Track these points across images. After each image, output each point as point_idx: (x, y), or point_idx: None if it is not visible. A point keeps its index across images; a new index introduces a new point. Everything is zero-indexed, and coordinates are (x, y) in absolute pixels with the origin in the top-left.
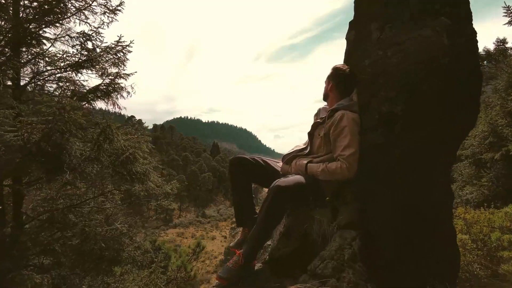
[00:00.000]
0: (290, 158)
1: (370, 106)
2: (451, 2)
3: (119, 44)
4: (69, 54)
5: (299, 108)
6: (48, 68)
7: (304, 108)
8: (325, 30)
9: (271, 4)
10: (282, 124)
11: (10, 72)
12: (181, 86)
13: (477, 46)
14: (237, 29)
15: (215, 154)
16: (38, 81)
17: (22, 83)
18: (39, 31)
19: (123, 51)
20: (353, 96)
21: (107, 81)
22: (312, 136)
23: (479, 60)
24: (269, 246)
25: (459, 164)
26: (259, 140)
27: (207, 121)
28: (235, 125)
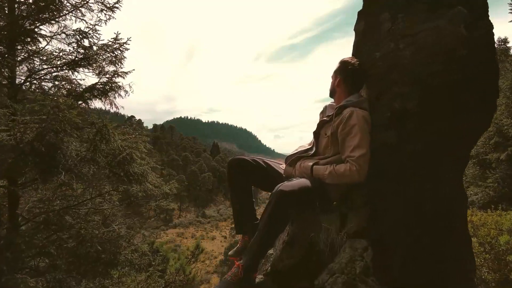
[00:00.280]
0: (294, 160)
1: (381, 103)
2: None
3: (117, 42)
4: (65, 52)
5: (299, 108)
6: (44, 67)
7: (304, 108)
8: (325, 30)
9: (271, 4)
10: (282, 124)
11: (5, 71)
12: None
13: (494, 40)
14: (237, 29)
15: (215, 154)
16: (34, 80)
17: (18, 82)
18: (35, 29)
19: (121, 49)
20: (362, 92)
21: (104, 80)
22: (318, 136)
23: (496, 55)
24: (271, 256)
25: None
26: (259, 140)
27: (207, 121)
28: (235, 125)
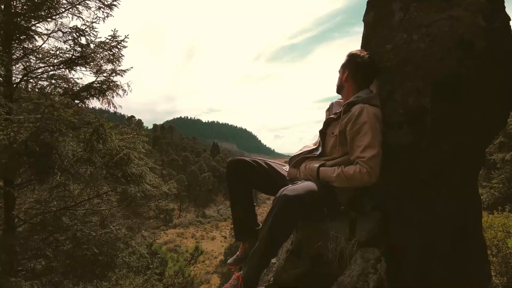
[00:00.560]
0: (299, 161)
1: (393, 99)
2: None
3: (114, 40)
4: (62, 50)
5: (299, 108)
6: (41, 65)
7: (304, 108)
8: (325, 30)
9: (271, 4)
10: (282, 124)
11: (1, 69)
12: (181, 86)
13: None
14: (237, 29)
15: (215, 154)
16: (31, 79)
17: (14, 81)
18: (31, 26)
19: (118, 47)
20: (372, 88)
21: (101, 79)
22: (325, 135)
23: None
24: (274, 266)
25: None
26: (259, 140)
27: (207, 121)
28: (235, 125)
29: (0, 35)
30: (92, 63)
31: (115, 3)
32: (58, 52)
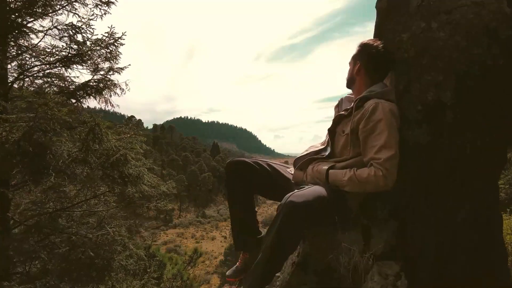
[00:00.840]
0: (305, 163)
1: (410, 94)
2: None
3: (112, 37)
4: (58, 48)
5: (299, 108)
6: (37, 64)
7: (304, 108)
8: (325, 30)
9: (271, 4)
10: (282, 124)
11: None
12: (181, 86)
13: None
14: (237, 29)
15: (215, 154)
16: (26, 77)
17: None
18: (27, 24)
19: (115, 44)
20: (387, 81)
21: (98, 77)
22: (334, 134)
23: None
24: (278, 279)
25: None
26: (259, 140)
27: (207, 121)
28: (235, 125)
29: None
30: (89, 61)
31: (113, 0)
32: (54, 50)
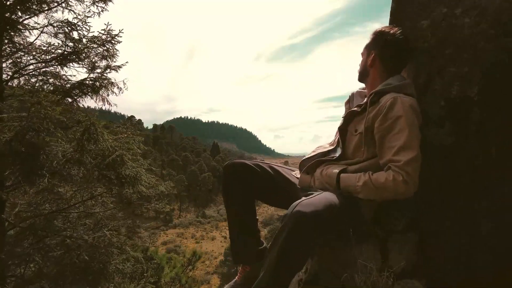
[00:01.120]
0: (313, 165)
1: (432, 88)
2: None
3: (109, 35)
4: (54, 46)
5: (299, 108)
6: (33, 62)
7: (304, 108)
8: (325, 30)
9: (271, 4)
10: (282, 124)
11: None
12: (181, 86)
13: None
14: (237, 29)
15: (215, 154)
16: (22, 76)
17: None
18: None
19: (112, 42)
20: (404, 74)
21: (93, 76)
22: (345, 133)
23: None
24: None
25: None
26: (259, 140)
27: (207, 121)
28: (235, 125)
29: None
30: (86, 60)
31: None
32: (50, 48)
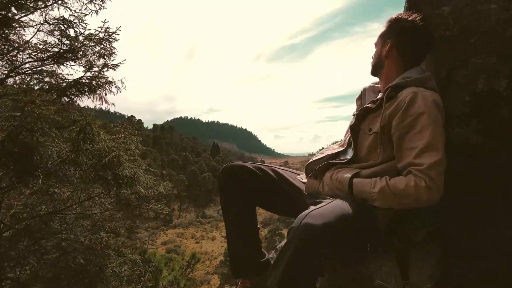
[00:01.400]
0: (321, 169)
1: (455, 82)
2: None
3: (106, 32)
4: (50, 44)
5: (299, 108)
6: (29, 60)
7: (304, 108)
8: (325, 30)
9: (271, 4)
10: (282, 124)
11: None
12: (181, 86)
13: None
14: (237, 29)
15: (215, 154)
16: (17, 75)
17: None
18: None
19: (109, 39)
20: (423, 66)
21: (90, 74)
22: (358, 132)
23: None
24: None
25: None
26: (259, 140)
27: (207, 121)
28: (235, 125)
29: None
30: (84, 59)
31: None
32: (46, 46)
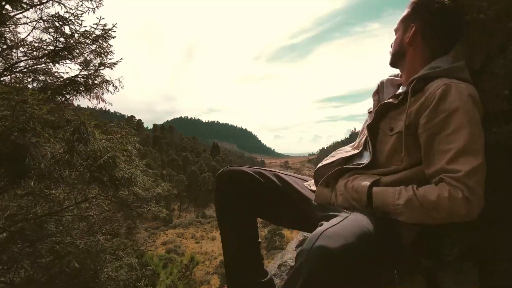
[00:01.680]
0: (334, 175)
1: (492, 73)
2: None
3: (103, 29)
4: (45, 42)
5: (299, 108)
6: (23, 58)
7: (304, 108)
8: (325, 30)
9: (271, 4)
10: (282, 124)
11: None
12: (181, 86)
13: None
14: (237, 29)
15: (215, 154)
16: (12, 74)
17: None
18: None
19: (105, 36)
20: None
21: (86, 73)
22: (377, 132)
23: None
24: None
25: None
26: (259, 140)
27: (207, 121)
28: (235, 125)
29: None
30: (81, 58)
31: None
32: (41, 44)
